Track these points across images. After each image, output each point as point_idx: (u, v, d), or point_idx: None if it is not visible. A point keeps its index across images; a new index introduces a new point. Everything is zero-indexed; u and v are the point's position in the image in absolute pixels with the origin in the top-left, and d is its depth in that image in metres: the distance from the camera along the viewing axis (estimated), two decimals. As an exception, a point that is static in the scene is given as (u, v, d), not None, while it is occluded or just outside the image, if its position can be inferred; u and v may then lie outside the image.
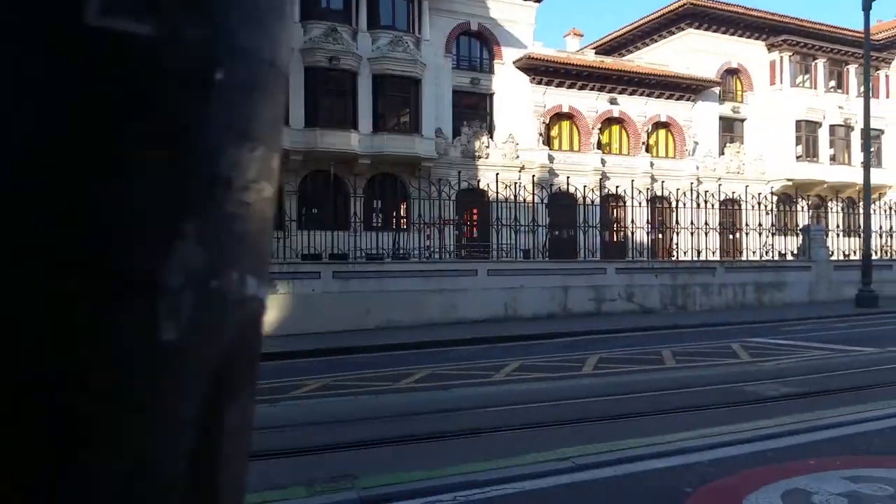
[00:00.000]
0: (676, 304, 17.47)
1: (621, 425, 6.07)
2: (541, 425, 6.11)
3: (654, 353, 10.75)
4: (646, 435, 5.59)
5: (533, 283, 15.76)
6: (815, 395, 7.14)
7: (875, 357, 9.84)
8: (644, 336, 13.26)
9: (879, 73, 40.69)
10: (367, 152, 27.90)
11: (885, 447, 5.24)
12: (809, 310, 17.41)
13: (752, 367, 9.28)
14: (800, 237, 20.22)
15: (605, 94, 34.08)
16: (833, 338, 12.25)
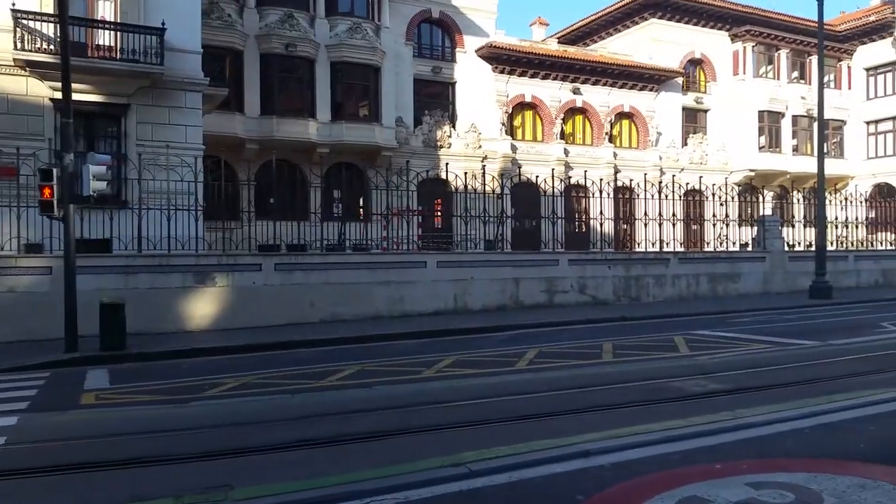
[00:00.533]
0: (630, 296, 17.33)
1: (531, 426, 5.80)
2: (451, 426, 5.82)
3: (595, 346, 10.54)
4: (557, 435, 5.33)
5: (483, 275, 15.49)
6: (740, 392, 6.95)
7: (813, 351, 9.72)
8: (591, 329, 13.06)
9: (841, 64, 41.06)
10: (325, 141, 27.39)
11: (797, 449, 5.03)
12: (762, 301, 17.39)
13: (688, 361, 9.09)
14: (753, 228, 20.20)
15: (568, 83, 33.87)
16: (778, 330, 12.15)
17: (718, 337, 11.31)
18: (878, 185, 39.27)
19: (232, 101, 26.26)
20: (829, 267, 20.36)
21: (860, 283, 20.98)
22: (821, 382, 7.28)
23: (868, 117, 40.48)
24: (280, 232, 19.16)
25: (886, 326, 12.21)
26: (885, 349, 9.53)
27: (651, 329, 12.74)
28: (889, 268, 21.74)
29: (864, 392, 6.59)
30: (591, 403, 6.58)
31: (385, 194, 18.61)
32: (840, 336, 11.02)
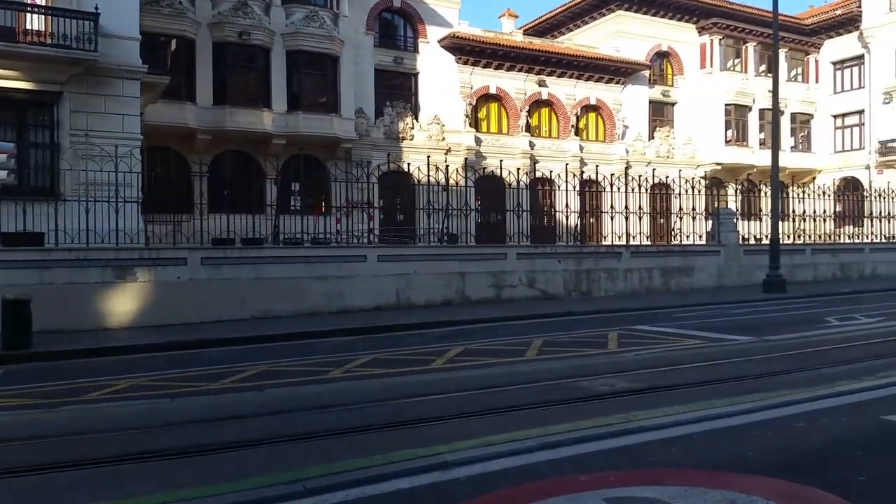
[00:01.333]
0: (581, 290, 16.93)
1: (408, 432, 5.32)
2: (309, 437, 5.30)
3: (524, 343, 10.09)
4: (429, 444, 4.85)
5: (427, 270, 14.99)
6: (648, 392, 6.52)
7: (743, 347, 9.34)
8: (531, 324, 12.62)
9: (809, 57, 41.01)
10: (281, 132, 26.72)
11: (682, 457, 4.60)
12: (715, 295, 17.07)
13: (611, 358, 8.67)
14: (709, 222, 19.90)
15: (533, 76, 33.43)
16: (719, 325, 11.79)
17: (656, 332, 10.91)
18: (845, 178, 39.27)
19: (183, 91, 25.54)
20: (785, 261, 20.15)
21: (817, 276, 20.78)
22: (735, 381, 6.88)
23: (835, 111, 40.50)
24: (235, 225, 18.58)
25: (830, 321, 11.90)
26: (817, 345, 9.18)
27: (593, 324, 12.32)
28: (846, 261, 21.57)
29: (772, 393, 6.19)
30: (488, 406, 6.12)
31: (345, 187, 18.09)
32: (779, 331, 10.67)
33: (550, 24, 39.70)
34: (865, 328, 10.99)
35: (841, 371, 7.30)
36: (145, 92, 19.04)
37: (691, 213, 20.39)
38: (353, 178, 17.40)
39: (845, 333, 10.37)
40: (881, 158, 37.30)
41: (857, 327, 11.06)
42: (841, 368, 7.47)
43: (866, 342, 9.39)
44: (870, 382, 6.63)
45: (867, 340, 9.53)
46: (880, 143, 37.40)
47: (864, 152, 38.75)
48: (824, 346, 9.13)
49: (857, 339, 9.63)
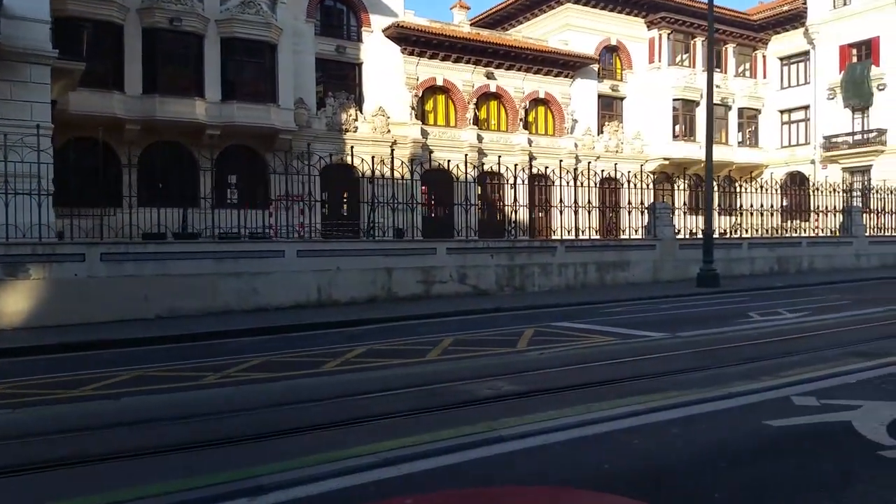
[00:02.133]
0: (514, 285, 16.52)
1: (217, 453, 4.75)
2: (135, 454, 4.71)
3: (433, 342, 9.58)
4: (248, 464, 4.29)
5: (351, 265, 14.39)
6: (534, 395, 6.06)
7: (653, 344, 8.98)
8: (451, 322, 12.11)
9: (756, 53, 41.38)
10: (215, 122, 25.82)
11: (532, 471, 4.12)
12: (648, 289, 16.81)
13: (513, 358, 8.22)
14: (646, 215, 19.67)
15: (481, 68, 33.00)
16: (640, 321, 11.45)
17: (574, 329, 10.51)
18: (791, 173, 39.77)
19: (111, 79, 24.48)
20: (721, 255, 20.06)
21: (754, 270, 20.74)
22: (630, 382, 6.47)
23: (781, 106, 40.96)
24: (168, 219, 17.76)
25: (752, 316, 11.65)
26: (729, 342, 8.85)
27: (517, 321, 11.88)
28: (784, 255, 21.59)
29: (660, 395, 5.78)
30: (355, 415, 5.58)
31: (285, 179, 17.39)
32: (697, 327, 10.36)
33: (500, 17, 39.32)
34: (786, 323, 10.75)
35: (741, 370, 6.95)
36: (59, 79, 18.07)
37: (639, 208, 20.22)
38: (292, 170, 16.73)
39: (763, 329, 10.10)
40: (825, 153, 37.84)
41: (777, 323, 10.81)
42: (743, 367, 7.12)
43: (781, 338, 9.11)
44: (766, 383, 6.27)
45: (783, 337, 9.25)
46: (824, 138, 37.93)
47: (809, 147, 39.29)
48: (736, 342, 8.81)
49: (773, 336, 9.35)
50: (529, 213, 27.51)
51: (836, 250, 22.99)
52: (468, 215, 17.89)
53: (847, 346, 8.28)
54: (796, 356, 7.72)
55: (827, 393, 5.86)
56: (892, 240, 25.20)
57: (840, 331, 9.65)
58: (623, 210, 21.43)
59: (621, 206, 23.83)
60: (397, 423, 5.28)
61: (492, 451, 4.47)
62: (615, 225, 30.56)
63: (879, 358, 7.33)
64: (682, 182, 29.07)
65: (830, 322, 10.68)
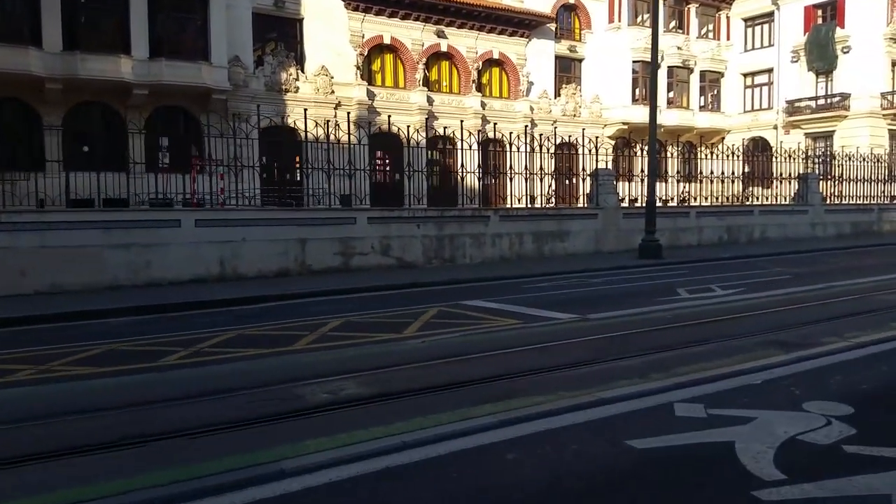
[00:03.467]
0: (443, 257, 15.47)
1: None
2: None
3: (317, 325, 8.50)
4: None
5: (259, 236, 13.20)
6: (378, 401, 5.03)
7: (557, 329, 7.99)
8: (359, 298, 11.04)
9: (720, 14, 40.25)
10: (143, 81, 24.15)
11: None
12: (586, 261, 15.88)
13: (391, 347, 7.15)
14: (588, 182, 18.67)
15: (431, 25, 31.47)
16: (558, 299, 10.49)
17: (482, 309, 9.50)
18: (754, 138, 39.01)
19: (27, 34, 22.66)
20: (668, 224, 19.23)
21: (702, 240, 19.92)
22: (503, 381, 5.47)
23: (745, 69, 40.02)
24: (98, 184, 16.40)
25: (680, 293, 10.74)
26: (640, 326, 7.89)
27: (428, 298, 10.85)
28: (734, 224, 20.79)
29: (527, 400, 4.80)
30: (146, 431, 4.51)
31: (221, 143, 16.08)
32: (614, 307, 9.40)
33: (456, -27, 37.48)
34: (712, 303, 9.85)
35: (635, 365, 5.99)
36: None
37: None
38: (228, 132, 15.38)
39: (685, 310, 9.18)
40: (788, 118, 37.11)
41: (703, 302, 9.90)
42: (639, 360, 6.16)
43: (698, 322, 8.18)
44: (652, 384, 5.30)
45: (701, 320, 8.32)
46: (787, 102, 37.16)
47: (772, 112, 38.52)
48: (647, 327, 7.85)
49: (692, 318, 8.42)
50: (482, 180, 26.55)
51: (791, 219, 22.27)
52: (412, 182, 16.83)
53: (769, 331, 7.37)
54: (706, 345, 6.79)
55: (720, 399, 4.91)
56: (849, 209, 24.55)
57: (767, 313, 8.76)
58: (576, 177, 20.36)
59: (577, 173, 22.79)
60: (174, 446, 4.21)
61: (262, 494, 3.42)
62: (569, 192, 29.66)
63: (799, 349, 6.41)
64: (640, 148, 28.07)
65: (761, 301, 9.79)
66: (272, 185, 26.49)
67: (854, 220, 24.14)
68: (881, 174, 25.25)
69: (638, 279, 13.04)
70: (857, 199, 24.87)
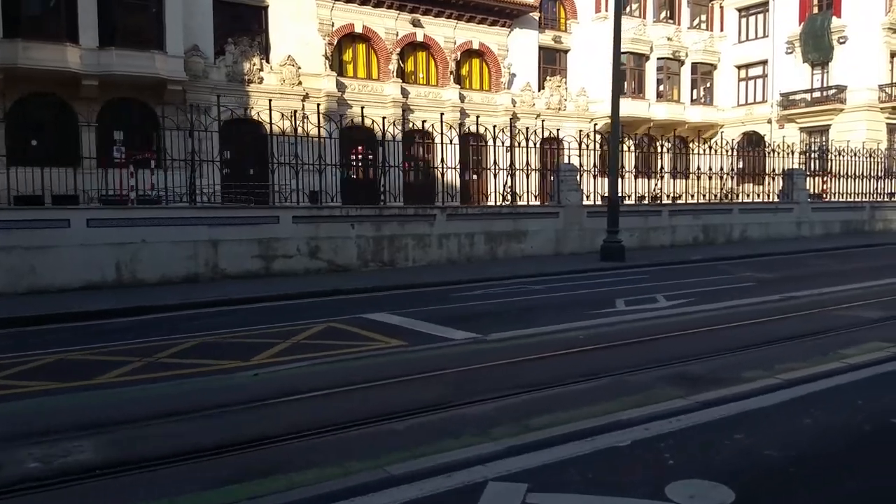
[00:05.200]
0: (381, 260, 14.14)
1: None
2: None
3: (166, 345, 7.21)
4: None
5: (163, 237, 11.93)
6: (94, 478, 3.75)
7: (441, 354, 6.64)
8: (250, 311, 9.70)
9: (713, 3, 38.72)
10: (92, 72, 22.91)
11: None
12: (541, 265, 14.51)
13: (218, 382, 5.82)
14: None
15: (406, 14, 30.10)
16: (476, 312, 9.18)
17: (376, 325, 8.18)
18: (748, 133, 37.55)
19: (-37, 19, 21.46)
20: (638, 223, 17.89)
21: (676, 240, 18.49)
22: (309, 438, 4.17)
23: (739, 61, 38.48)
24: (47, 180, 15.18)
25: (616, 305, 9.38)
26: (541, 351, 6.52)
27: (328, 310, 9.53)
28: (711, 223, 19.33)
29: (310, 473, 3.52)
30: None
31: (178, 136, 14.84)
32: (529, 323, 8.07)
33: (437, -39, 36.03)
34: (646, 317, 8.50)
35: (484, 413, 4.67)
36: None
37: (591, 171, 18.07)
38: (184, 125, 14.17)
39: (609, 327, 7.85)
40: (783, 112, 35.56)
41: (637, 317, 8.56)
42: (494, 406, 4.83)
43: (611, 345, 6.85)
44: (480, 447, 3.98)
45: (617, 342, 6.99)
46: (782, 95, 35.61)
47: (766, 106, 36.98)
48: (548, 351, 6.52)
49: (607, 339, 7.10)
50: (461, 175, 25.17)
51: (774, 218, 20.83)
52: (388, 178, 15.63)
53: (685, 360, 6.04)
54: (597, 380, 5.46)
55: (556, 474, 3.59)
56: (838, 206, 23.08)
57: (699, 333, 7.42)
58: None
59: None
60: None
61: None
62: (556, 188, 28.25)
63: (707, 389, 5.09)
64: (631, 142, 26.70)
65: (702, 316, 8.45)
66: (235, 182, 25.30)
67: (844, 218, 22.68)
68: (874, 170, 23.73)
69: (585, 286, 11.70)
70: (849, 196, 23.38)
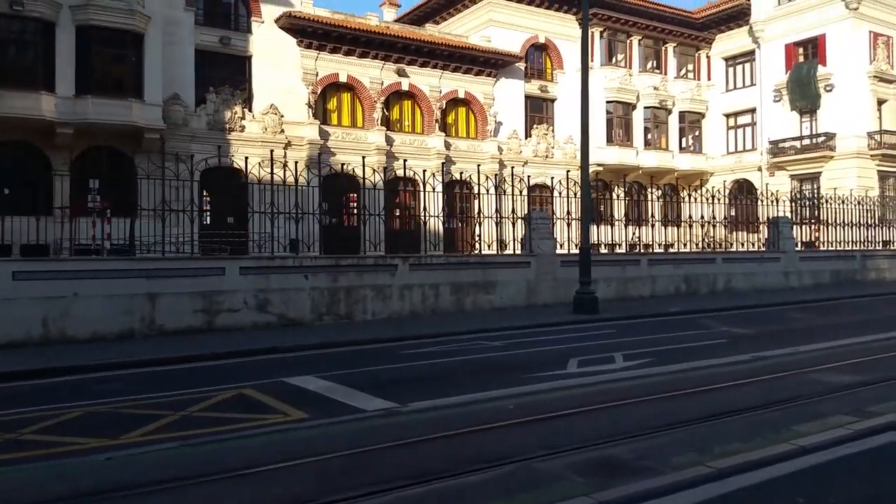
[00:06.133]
0: (337, 313, 13.39)
1: None
2: None
3: (41, 418, 6.44)
4: None
5: (96, 290, 11.23)
6: None
7: (336, 433, 5.87)
8: (172, 373, 8.97)
9: (700, 53, 38.78)
10: (67, 120, 22.60)
11: None
12: (510, 317, 13.75)
13: (64, 469, 5.08)
14: (522, 226, 16.65)
15: (392, 64, 29.97)
16: (416, 373, 8.43)
17: (295, 393, 7.41)
18: (738, 180, 37.12)
19: (-66, 67, 21.25)
20: (616, 273, 17.19)
21: (656, 291, 17.73)
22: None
23: (727, 109, 38.33)
24: (17, 229, 14.67)
25: (568, 366, 8.61)
26: (452, 427, 5.75)
27: (257, 371, 8.78)
28: (693, 273, 18.60)
29: None
30: None
31: (155, 185, 14.34)
32: (462, 389, 7.31)
33: (425, 13, 36.33)
34: (595, 381, 7.74)
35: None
36: None
37: (567, 219, 17.41)
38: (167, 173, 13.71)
39: (549, 394, 7.11)
40: (773, 159, 35.17)
41: (585, 380, 7.79)
42: None
43: (536, 419, 6.09)
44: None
45: (545, 414, 6.22)
46: (771, 142, 35.28)
47: (756, 153, 36.63)
48: (463, 428, 5.74)
49: (538, 412, 6.32)
50: (446, 223, 24.58)
51: (760, 268, 20.10)
52: (367, 227, 15.09)
53: (613, 441, 5.27)
54: (497, 469, 4.68)
55: None
56: (828, 255, 22.38)
57: (643, 402, 6.66)
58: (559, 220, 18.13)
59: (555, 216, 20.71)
60: None
61: None
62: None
63: (616, 484, 4.30)
64: (621, 189, 26.20)
65: (653, 381, 7.69)
66: (214, 230, 24.74)
67: (834, 267, 21.94)
68: (864, 218, 23.08)
69: (545, 342, 10.95)
70: (841, 244, 22.68)
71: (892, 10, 33.62)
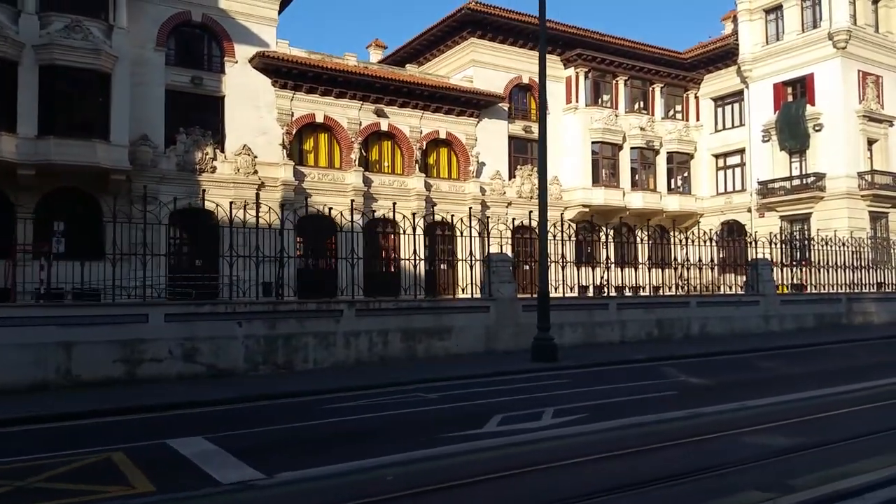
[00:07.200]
0: (275, 363, 12.57)
1: None
2: None
3: None
4: None
5: (6, 339, 10.50)
6: None
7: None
8: (47, 432, 8.15)
9: (688, 93, 38.48)
10: (28, 161, 22.11)
11: None
12: (464, 366, 12.87)
13: None
14: (555, 268, 15.90)
15: (370, 104, 29.65)
16: (315, 435, 7.60)
17: (170, 460, 6.59)
18: (728, 222, 36.45)
19: None
20: (583, 318, 16.37)
21: (626, 336, 16.84)
22: None
23: (716, 150, 37.87)
24: None
25: (489, 426, 7.74)
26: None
27: (159, 429, 7.99)
28: (666, 318, 17.71)
29: None
30: None
31: (124, 228, 13.78)
32: (353, 455, 6.48)
33: (409, 54, 36.22)
34: (505, 444, 6.89)
35: None
36: None
37: (560, 261, 16.69)
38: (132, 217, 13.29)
39: (444, 461, 6.27)
40: (762, 200, 34.51)
41: (496, 442, 6.95)
42: None
43: (416, 492, 5.24)
44: None
45: (427, 487, 5.39)
46: (760, 183, 34.66)
47: (745, 194, 36.01)
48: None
49: (417, 484, 5.49)
50: (428, 266, 23.85)
51: (738, 312, 19.21)
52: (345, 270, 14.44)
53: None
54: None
55: None
56: (811, 299, 21.51)
57: (545, 472, 5.81)
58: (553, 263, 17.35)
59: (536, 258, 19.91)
60: None
61: None
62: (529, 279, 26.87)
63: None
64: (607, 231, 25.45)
65: (571, 443, 6.87)
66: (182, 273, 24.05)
67: (818, 311, 21.04)
68: (851, 260, 22.27)
69: (484, 394, 10.10)
70: (829, 287, 21.82)
71: (880, 49, 33.34)
